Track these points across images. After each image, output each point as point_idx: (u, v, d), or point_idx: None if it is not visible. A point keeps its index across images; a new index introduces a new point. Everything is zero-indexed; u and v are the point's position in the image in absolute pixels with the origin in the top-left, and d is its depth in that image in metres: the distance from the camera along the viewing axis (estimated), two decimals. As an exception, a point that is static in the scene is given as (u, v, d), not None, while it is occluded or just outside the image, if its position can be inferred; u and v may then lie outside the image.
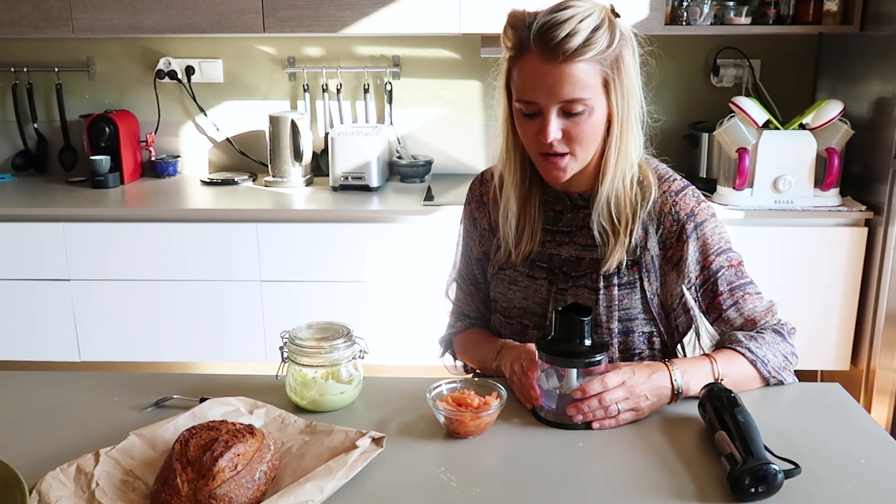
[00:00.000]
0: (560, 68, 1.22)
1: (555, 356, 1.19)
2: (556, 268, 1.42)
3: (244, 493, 0.98)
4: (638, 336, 1.41)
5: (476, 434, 1.17)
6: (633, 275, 1.38)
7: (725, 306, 1.35)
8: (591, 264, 1.39)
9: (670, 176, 1.40)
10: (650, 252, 1.37)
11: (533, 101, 1.26)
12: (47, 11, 2.75)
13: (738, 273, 1.37)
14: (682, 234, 1.35)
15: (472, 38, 2.95)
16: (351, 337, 1.26)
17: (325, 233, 2.68)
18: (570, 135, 1.27)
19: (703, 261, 1.36)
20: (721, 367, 1.27)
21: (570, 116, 1.26)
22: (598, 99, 1.26)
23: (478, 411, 1.16)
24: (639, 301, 1.39)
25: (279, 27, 2.73)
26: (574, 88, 1.23)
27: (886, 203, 2.50)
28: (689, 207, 1.36)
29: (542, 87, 1.24)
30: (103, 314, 2.77)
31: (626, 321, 1.40)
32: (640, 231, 1.36)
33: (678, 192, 1.37)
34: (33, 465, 1.06)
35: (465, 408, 1.17)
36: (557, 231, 1.43)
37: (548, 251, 1.43)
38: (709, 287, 1.36)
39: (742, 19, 2.78)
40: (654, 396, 1.22)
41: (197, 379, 1.36)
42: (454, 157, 3.18)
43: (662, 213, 1.36)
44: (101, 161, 2.93)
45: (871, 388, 2.61)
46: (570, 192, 1.41)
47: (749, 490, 1.00)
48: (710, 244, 1.36)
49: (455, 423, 1.15)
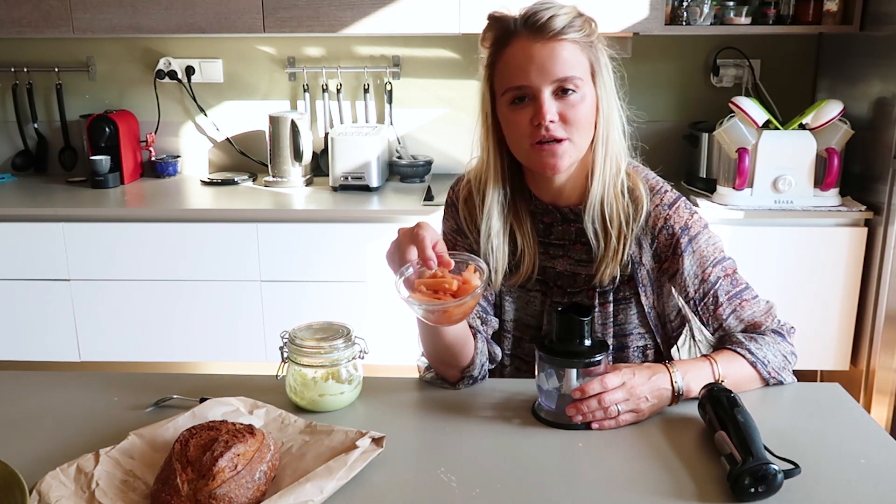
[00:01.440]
0: (549, 45, 1.24)
1: (555, 356, 1.19)
2: (551, 280, 1.42)
3: (244, 493, 0.98)
4: (633, 351, 1.42)
5: (463, 319, 1.03)
6: (628, 290, 1.38)
7: (726, 315, 1.35)
8: (587, 280, 1.38)
9: (661, 187, 1.38)
10: (645, 266, 1.36)
11: (525, 83, 1.24)
12: (47, 11, 2.75)
13: (734, 281, 1.35)
14: (678, 248, 1.33)
15: (472, 38, 2.92)
16: (351, 337, 1.26)
17: (325, 233, 2.68)
18: (566, 117, 1.25)
19: (701, 274, 1.34)
20: (721, 368, 1.27)
21: (563, 98, 1.25)
22: (588, 85, 1.27)
23: (460, 295, 1.02)
24: (635, 316, 1.39)
25: (279, 27, 2.73)
26: (565, 66, 1.24)
27: (886, 203, 2.50)
28: (683, 221, 1.34)
29: (534, 67, 1.24)
30: (103, 314, 2.77)
31: (620, 336, 1.40)
32: (633, 246, 1.35)
33: (671, 205, 1.35)
34: (33, 465, 1.06)
35: (444, 293, 1.04)
36: (550, 244, 1.41)
37: (542, 264, 1.41)
38: (709, 300, 1.34)
39: (742, 19, 2.78)
40: (655, 398, 1.21)
41: (197, 379, 1.36)
42: (454, 157, 3.18)
43: (656, 228, 1.34)
44: (101, 161, 2.93)
45: (871, 388, 2.61)
46: (560, 206, 1.38)
47: (749, 490, 1.00)
48: (706, 256, 1.34)
49: (438, 315, 1.02)
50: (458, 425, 1.21)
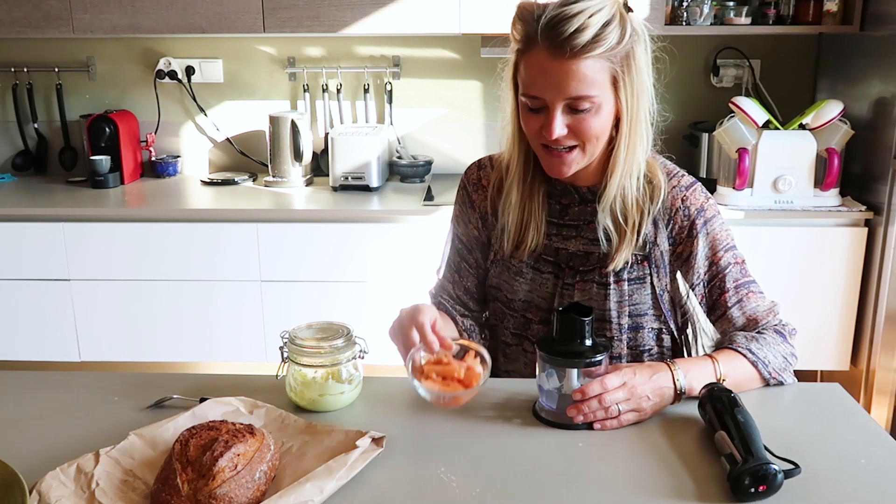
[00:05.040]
0: (567, 64, 1.20)
1: (555, 356, 1.19)
2: (563, 262, 1.42)
3: (244, 493, 0.98)
4: (647, 332, 1.41)
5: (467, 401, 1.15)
6: (642, 270, 1.38)
7: (730, 304, 1.36)
8: (600, 259, 1.39)
9: (678, 172, 1.41)
10: (660, 248, 1.37)
11: (538, 96, 1.25)
12: (47, 11, 2.75)
13: (743, 271, 1.37)
14: (693, 229, 1.36)
15: (472, 38, 2.95)
16: (351, 337, 1.26)
17: (325, 233, 2.68)
18: (576, 131, 1.26)
19: (712, 256, 1.36)
20: (723, 367, 1.27)
21: (575, 113, 1.25)
22: (606, 96, 1.25)
23: (469, 384, 1.14)
24: (649, 297, 1.39)
25: (279, 27, 2.73)
26: (581, 85, 1.22)
27: (886, 203, 2.50)
28: (699, 203, 1.37)
29: (548, 83, 1.23)
30: (103, 314, 2.77)
31: (636, 316, 1.40)
32: (649, 226, 1.36)
33: (688, 187, 1.38)
34: (33, 465, 1.06)
35: (452, 380, 1.14)
36: (564, 225, 1.42)
37: (554, 245, 1.42)
38: (716, 284, 1.36)
39: (742, 19, 2.78)
40: (657, 397, 1.21)
41: (197, 379, 1.36)
42: (454, 157, 3.18)
43: (673, 209, 1.36)
44: (101, 161, 2.93)
45: (871, 388, 2.61)
46: (578, 186, 1.40)
47: (749, 490, 1.00)
48: (718, 240, 1.37)
49: (447, 401, 1.13)
50: (458, 425, 1.20)
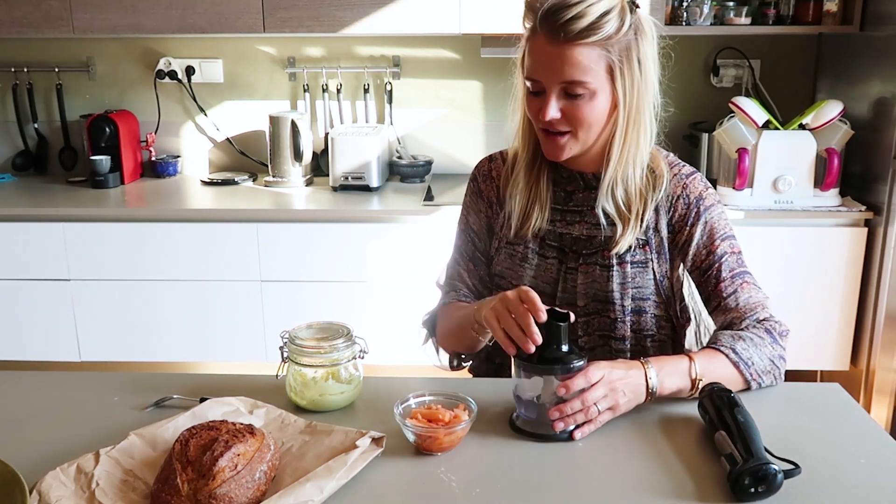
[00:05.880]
0: (561, 49, 1.25)
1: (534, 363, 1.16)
2: (567, 246, 1.43)
3: (244, 493, 0.98)
4: (650, 317, 1.42)
5: (448, 450, 1.13)
6: (644, 254, 1.40)
7: (726, 293, 1.36)
8: (604, 242, 1.40)
9: (679, 162, 1.46)
10: (660, 234, 1.40)
11: (536, 79, 1.30)
12: (47, 11, 2.75)
13: (740, 261, 1.39)
14: (691, 216, 1.39)
15: (472, 38, 2.95)
16: (351, 337, 1.26)
17: (325, 233, 2.68)
18: (570, 115, 1.30)
19: (710, 245, 1.38)
20: (699, 367, 1.24)
21: (570, 98, 1.29)
22: (602, 84, 1.28)
23: (450, 426, 1.11)
24: (651, 281, 1.40)
25: (279, 27, 2.73)
26: (574, 70, 1.26)
27: (886, 203, 2.50)
28: (699, 191, 1.41)
29: (545, 67, 1.28)
30: (103, 314, 2.77)
31: (638, 300, 1.40)
32: (651, 213, 1.39)
33: (688, 175, 1.42)
34: (33, 465, 1.06)
35: (437, 423, 1.13)
36: (568, 210, 1.44)
37: (558, 230, 1.44)
38: (712, 273, 1.37)
39: (742, 19, 2.78)
40: (631, 393, 1.19)
41: (197, 379, 1.36)
42: (454, 157, 3.18)
43: (674, 196, 1.40)
44: (101, 161, 2.93)
45: (871, 388, 2.61)
46: (584, 172, 1.42)
47: (749, 490, 1.00)
48: (716, 228, 1.39)
49: (428, 441, 1.11)
50: (458, 425, 1.20)
